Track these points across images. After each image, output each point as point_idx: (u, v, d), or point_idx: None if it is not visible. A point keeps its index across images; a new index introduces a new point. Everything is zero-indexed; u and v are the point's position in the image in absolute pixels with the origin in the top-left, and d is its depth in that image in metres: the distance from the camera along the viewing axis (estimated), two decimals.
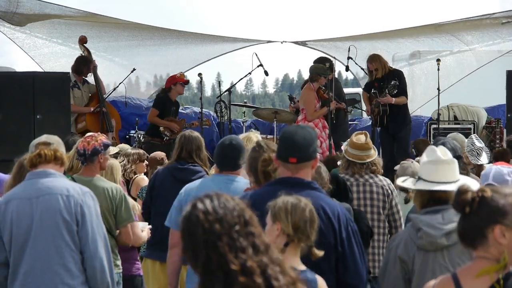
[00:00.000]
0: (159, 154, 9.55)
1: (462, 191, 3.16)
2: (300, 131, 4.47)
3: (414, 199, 4.62)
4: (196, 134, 7.40)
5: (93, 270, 5.13)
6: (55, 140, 5.38)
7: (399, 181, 4.70)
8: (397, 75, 12.42)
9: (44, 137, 5.42)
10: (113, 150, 8.24)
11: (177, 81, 12.86)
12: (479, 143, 8.96)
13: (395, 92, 12.18)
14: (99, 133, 6.98)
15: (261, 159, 5.09)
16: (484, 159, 8.82)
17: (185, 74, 13.11)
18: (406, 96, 12.39)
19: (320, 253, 4.19)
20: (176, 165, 7.26)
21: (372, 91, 12.43)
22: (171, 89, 12.86)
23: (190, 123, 13.02)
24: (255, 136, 7.21)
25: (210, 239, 2.75)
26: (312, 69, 12.25)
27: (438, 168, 4.48)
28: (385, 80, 12.27)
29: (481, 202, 3.12)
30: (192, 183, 6.22)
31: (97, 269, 5.13)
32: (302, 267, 4.17)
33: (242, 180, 5.85)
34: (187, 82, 13.15)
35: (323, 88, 12.14)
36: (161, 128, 12.67)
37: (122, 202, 6.38)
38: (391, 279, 4.39)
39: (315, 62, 12.66)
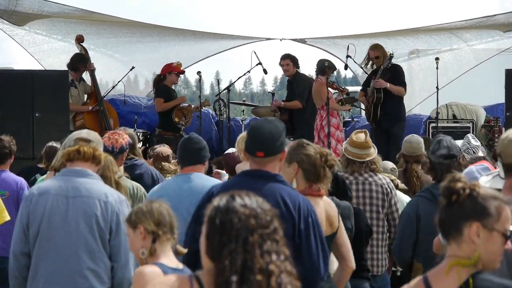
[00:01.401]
0: (165, 150, 9.07)
1: (454, 179, 3.15)
2: (267, 125, 4.52)
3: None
4: (129, 131, 7.49)
5: (122, 280, 5.06)
6: (95, 138, 5.27)
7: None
8: (394, 67, 12.32)
9: (85, 132, 5.30)
10: None
11: (173, 70, 12.80)
12: (475, 142, 8.97)
13: (389, 75, 12.11)
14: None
15: (319, 155, 5.17)
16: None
17: (181, 63, 13.03)
18: (405, 88, 12.27)
19: (184, 250, 4.48)
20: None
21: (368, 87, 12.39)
22: (166, 78, 12.83)
23: (194, 107, 12.99)
24: None
25: (243, 232, 2.83)
26: (320, 62, 12.26)
27: None
28: (383, 73, 12.19)
29: (469, 195, 3.10)
30: (156, 186, 6.28)
31: (125, 280, 5.05)
32: (175, 263, 4.38)
33: (201, 177, 5.89)
34: (183, 72, 13.09)
35: (331, 81, 12.24)
36: (176, 119, 12.61)
37: (143, 200, 6.32)
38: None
39: (294, 61, 12.85)
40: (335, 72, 13.05)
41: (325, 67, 12.12)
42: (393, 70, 12.22)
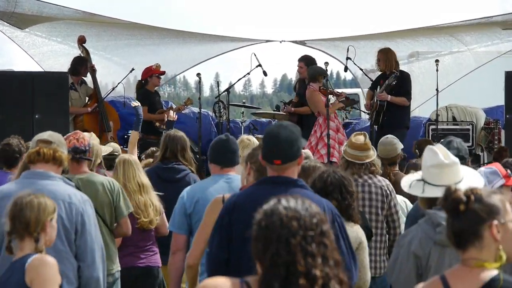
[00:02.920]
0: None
1: (451, 190, 3.18)
2: (283, 131, 4.47)
3: (421, 200, 4.60)
4: (181, 134, 7.48)
5: (89, 279, 5.09)
6: (57, 139, 5.31)
7: (405, 188, 4.67)
8: (401, 76, 12.33)
9: (47, 134, 5.35)
10: (106, 150, 8.24)
11: (153, 73, 12.79)
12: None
13: (391, 90, 12.15)
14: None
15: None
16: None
17: (160, 65, 13.00)
18: (408, 98, 12.32)
19: (42, 247, 4.53)
20: (161, 165, 7.28)
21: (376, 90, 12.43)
22: (148, 82, 12.81)
23: (176, 108, 12.92)
24: (247, 138, 7.28)
25: (284, 234, 2.80)
26: (311, 71, 12.29)
27: (442, 172, 4.48)
28: (390, 82, 12.23)
29: (477, 200, 3.13)
30: (193, 186, 6.19)
31: (93, 279, 5.09)
32: (20, 255, 4.48)
33: (238, 177, 5.84)
34: (163, 73, 13.05)
35: (323, 87, 12.19)
36: (157, 124, 12.64)
37: (120, 193, 6.35)
38: (403, 276, 4.37)
39: (308, 64, 12.77)
40: (334, 76, 13.09)
41: (317, 74, 12.17)
42: (399, 79, 12.25)
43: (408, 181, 4.71)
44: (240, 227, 4.43)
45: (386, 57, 12.36)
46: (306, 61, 13.04)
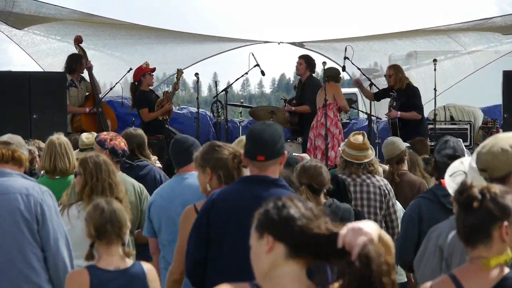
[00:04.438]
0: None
1: (468, 185, 3.17)
2: (267, 129, 4.47)
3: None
4: (139, 131, 7.52)
5: (56, 268, 5.11)
6: (17, 141, 5.35)
7: (448, 176, 4.60)
8: (411, 91, 12.52)
9: (5, 137, 5.40)
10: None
11: (145, 72, 12.77)
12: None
13: (394, 104, 12.35)
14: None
15: (232, 156, 5.06)
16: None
17: (149, 63, 12.98)
18: (418, 111, 12.41)
19: (132, 251, 4.66)
20: (124, 164, 7.27)
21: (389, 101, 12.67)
22: (142, 82, 12.79)
23: (171, 91, 12.91)
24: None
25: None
26: (334, 70, 12.69)
27: (474, 177, 4.42)
28: (399, 93, 12.47)
29: (491, 198, 3.13)
30: (156, 191, 6.17)
31: (59, 267, 5.10)
32: (126, 264, 4.59)
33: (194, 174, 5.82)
34: (154, 69, 13.01)
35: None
36: (159, 118, 12.63)
37: (146, 199, 6.42)
38: (429, 268, 4.39)
39: (308, 62, 12.96)
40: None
41: (339, 74, 12.56)
42: (408, 93, 12.44)
43: (452, 171, 4.64)
44: (218, 225, 4.45)
45: (396, 73, 12.50)
46: (306, 59, 13.08)
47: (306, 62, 12.97)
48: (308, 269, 2.76)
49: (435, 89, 12.93)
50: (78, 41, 12.70)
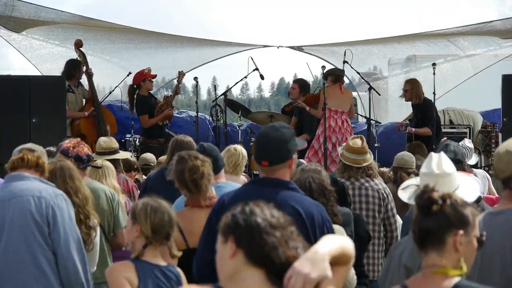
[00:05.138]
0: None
1: (430, 189, 3.17)
2: (274, 133, 4.44)
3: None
4: (188, 139, 7.49)
5: (66, 271, 5.13)
6: (40, 149, 5.42)
7: (399, 191, 4.65)
8: (426, 106, 12.42)
9: (29, 144, 5.46)
10: (125, 154, 8.26)
11: (146, 77, 12.76)
12: (470, 145, 9.13)
13: (417, 121, 12.33)
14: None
15: (187, 169, 5.37)
16: (472, 160, 8.92)
17: (151, 68, 12.97)
18: (430, 127, 12.26)
19: (178, 253, 4.64)
20: (167, 167, 7.25)
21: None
22: (141, 86, 12.78)
23: (172, 95, 12.93)
24: (234, 147, 7.32)
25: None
26: (338, 70, 12.54)
27: (435, 182, 4.45)
28: (414, 110, 12.48)
29: (451, 205, 3.13)
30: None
31: (70, 270, 5.12)
32: (164, 262, 4.61)
33: (231, 184, 5.90)
34: (155, 76, 13.02)
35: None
36: (159, 123, 12.64)
37: (119, 204, 6.41)
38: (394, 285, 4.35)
39: (302, 87, 12.88)
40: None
41: (339, 72, 12.38)
42: (423, 109, 12.37)
43: (405, 185, 4.69)
44: None
45: (412, 87, 12.44)
46: (301, 83, 13.03)
47: (300, 87, 12.92)
48: None
49: (434, 93, 12.95)
50: (78, 45, 12.68)
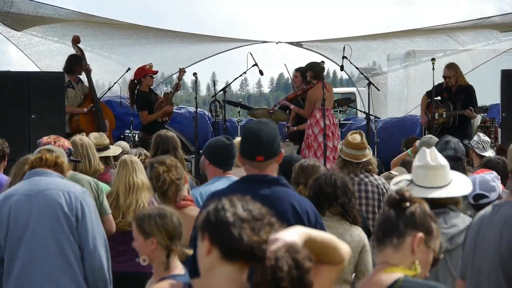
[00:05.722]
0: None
1: (404, 190, 3.24)
2: (264, 128, 4.41)
3: None
4: (171, 134, 7.48)
5: (92, 267, 5.17)
6: (59, 150, 5.53)
7: (392, 186, 4.67)
8: (471, 88, 12.81)
9: (49, 146, 5.63)
10: (117, 150, 8.21)
11: (147, 73, 12.75)
12: (485, 138, 9.33)
13: (461, 104, 12.58)
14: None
15: (154, 177, 5.66)
16: (489, 152, 9.07)
17: (152, 64, 12.95)
18: (473, 109, 12.67)
19: (190, 251, 4.45)
20: None
21: (439, 100, 12.76)
22: (142, 82, 12.77)
23: (173, 91, 12.94)
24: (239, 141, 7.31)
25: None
26: (315, 65, 12.43)
27: (428, 174, 4.47)
28: (457, 93, 12.66)
29: (421, 209, 3.19)
30: (204, 187, 6.13)
31: (96, 266, 5.17)
32: (183, 271, 4.47)
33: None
34: (156, 72, 13.02)
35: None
36: (159, 119, 12.62)
37: (103, 192, 6.45)
38: None
39: (304, 75, 12.78)
40: (330, 75, 13.15)
41: (320, 70, 12.20)
42: (467, 92, 12.75)
43: (397, 180, 4.70)
44: None
45: (456, 73, 12.80)
46: (302, 72, 13.02)
47: (302, 76, 12.93)
48: (250, 271, 2.76)
49: (433, 87, 12.94)
50: (75, 41, 12.68)
